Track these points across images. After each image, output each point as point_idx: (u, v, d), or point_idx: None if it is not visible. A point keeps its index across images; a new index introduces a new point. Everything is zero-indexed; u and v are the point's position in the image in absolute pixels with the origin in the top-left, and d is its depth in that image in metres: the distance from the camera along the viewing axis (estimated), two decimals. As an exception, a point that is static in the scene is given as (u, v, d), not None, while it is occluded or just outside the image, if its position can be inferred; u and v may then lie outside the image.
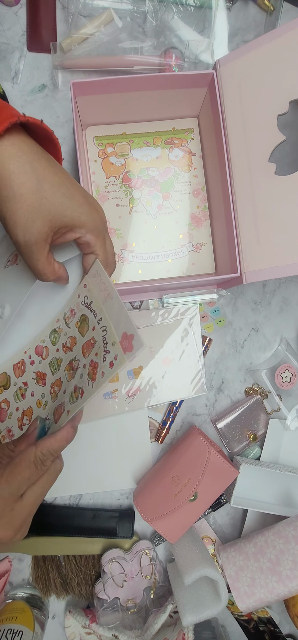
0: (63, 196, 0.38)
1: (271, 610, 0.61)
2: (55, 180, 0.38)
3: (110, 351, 0.40)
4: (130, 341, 0.39)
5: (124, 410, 0.60)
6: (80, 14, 0.61)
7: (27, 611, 0.57)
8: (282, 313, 0.64)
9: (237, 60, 0.52)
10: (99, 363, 0.41)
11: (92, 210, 0.41)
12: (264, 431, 0.62)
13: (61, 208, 0.38)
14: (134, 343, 0.39)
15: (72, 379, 0.43)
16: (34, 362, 0.48)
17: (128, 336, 0.40)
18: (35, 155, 0.37)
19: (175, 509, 0.53)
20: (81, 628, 0.58)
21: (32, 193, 0.37)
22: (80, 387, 0.42)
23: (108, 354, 0.40)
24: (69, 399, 0.43)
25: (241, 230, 0.53)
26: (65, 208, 0.39)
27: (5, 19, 0.62)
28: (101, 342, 0.42)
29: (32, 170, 0.37)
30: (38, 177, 0.37)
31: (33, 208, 0.37)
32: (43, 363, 0.47)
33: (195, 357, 0.62)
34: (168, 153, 0.61)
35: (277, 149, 0.51)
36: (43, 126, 0.38)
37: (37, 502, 0.40)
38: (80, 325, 0.45)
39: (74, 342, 0.45)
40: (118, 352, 0.40)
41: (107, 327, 0.41)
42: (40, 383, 0.47)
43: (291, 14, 0.64)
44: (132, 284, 0.59)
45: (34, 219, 0.37)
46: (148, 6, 0.61)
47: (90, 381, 0.41)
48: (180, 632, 0.53)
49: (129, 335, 0.39)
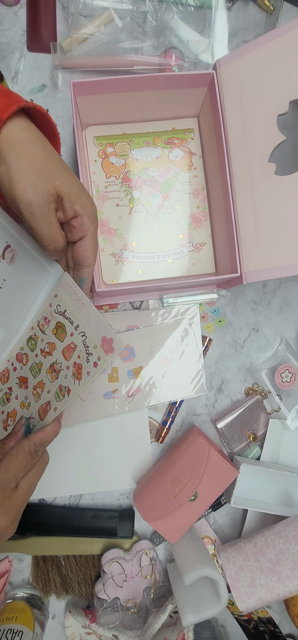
0: (68, 173, 0.40)
1: (271, 610, 0.61)
2: (60, 160, 0.40)
3: (92, 353, 0.44)
4: (111, 344, 0.43)
5: (124, 410, 0.60)
6: (80, 14, 0.61)
7: (27, 611, 0.57)
8: (282, 313, 0.64)
9: (237, 60, 0.52)
10: (83, 364, 0.45)
11: (89, 198, 0.43)
12: (264, 431, 0.62)
13: (67, 181, 0.40)
14: (114, 345, 0.43)
15: (56, 379, 0.47)
16: (16, 369, 0.51)
17: (108, 340, 0.43)
18: (41, 135, 0.40)
19: (175, 509, 0.53)
20: (81, 628, 0.58)
21: (41, 160, 0.38)
22: (66, 386, 0.46)
23: (91, 356, 0.44)
24: (55, 397, 0.46)
25: (241, 230, 0.53)
26: (71, 183, 0.40)
27: (5, 19, 0.62)
28: (82, 345, 0.45)
29: (41, 144, 0.39)
30: (46, 150, 0.39)
31: (43, 171, 0.38)
32: (24, 368, 0.50)
33: (195, 357, 0.62)
34: (168, 153, 0.61)
35: (277, 149, 0.51)
36: (47, 116, 0.41)
37: (29, 491, 0.43)
38: (57, 332, 0.47)
39: (53, 347, 0.48)
40: (100, 354, 0.44)
41: (86, 333, 0.45)
42: (23, 387, 0.50)
43: (291, 14, 0.64)
44: (132, 284, 0.59)
45: (44, 180, 0.38)
46: (148, 6, 0.61)
47: (76, 380, 0.45)
48: (180, 632, 0.53)
49: (109, 339, 0.43)
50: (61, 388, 0.46)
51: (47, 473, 0.55)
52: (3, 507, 0.40)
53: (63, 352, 0.47)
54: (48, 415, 0.47)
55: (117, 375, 0.60)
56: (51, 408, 0.47)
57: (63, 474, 0.61)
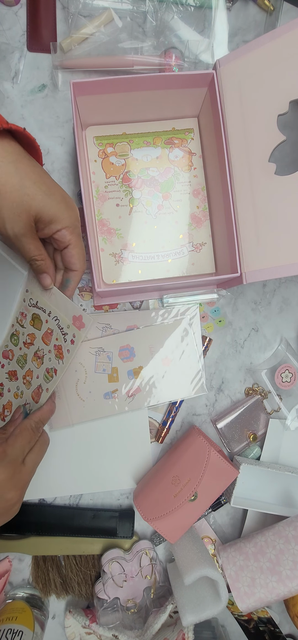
0: (43, 193, 0.42)
1: (271, 610, 0.61)
2: (36, 178, 0.42)
3: (68, 333, 0.50)
4: (81, 320, 0.49)
5: (124, 410, 0.60)
6: (80, 14, 0.61)
7: (27, 611, 0.57)
8: (282, 313, 0.64)
9: (237, 60, 0.52)
10: (62, 344, 0.50)
11: (68, 208, 0.45)
12: (264, 431, 0.62)
13: (41, 204, 0.42)
14: (84, 321, 0.49)
15: (42, 364, 0.52)
16: (4, 365, 0.55)
17: (77, 317, 0.49)
18: (18, 156, 0.42)
19: (175, 509, 0.53)
20: (81, 628, 0.58)
21: (15, 190, 0.41)
22: (52, 367, 0.51)
23: (67, 335, 0.50)
24: (45, 379, 0.52)
25: (241, 230, 0.53)
26: (45, 204, 0.43)
27: (5, 19, 0.62)
28: (57, 328, 0.50)
29: (15, 170, 0.41)
30: (21, 176, 0.41)
31: (17, 204, 0.41)
32: (11, 363, 0.55)
33: (195, 357, 0.62)
34: (168, 153, 0.61)
35: (277, 149, 0.51)
36: (25, 133, 0.43)
37: (34, 467, 0.48)
38: (34, 322, 0.52)
39: (33, 337, 0.53)
40: (74, 331, 0.49)
41: (58, 316, 0.50)
42: (13, 379, 0.55)
43: (291, 14, 0.64)
44: (132, 284, 0.59)
45: (19, 214, 0.41)
46: (148, 6, 0.61)
47: (59, 360, 0.51)
48: (180, 632, 0.53)
49: (78, 316, 0.49)
50: (48, 370, 0.51)
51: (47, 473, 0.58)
52: (13, 481, 0.44)
53: (43, 339, 0.52)
54: (41, 397, 0.52)
55: (117, 375, 0.60)
56: (43, 390, 0.52)
57: (63, 474, 0.61)
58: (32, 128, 0.62)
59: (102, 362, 0.60)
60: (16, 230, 0.42)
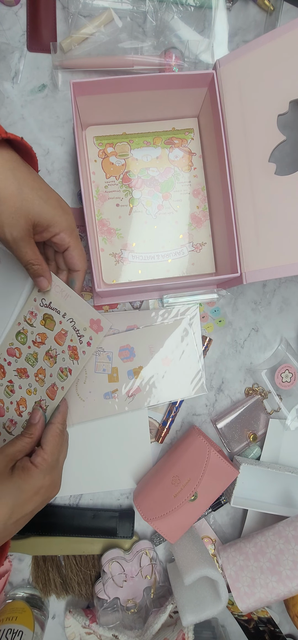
0: (40, 199, 0.44)
1: (271, 610, 0.61)
2: (33, 184, 0.44)
3: (84, 335, 0.51)
4: (99, 324, 0.50)
5: (124, 410, 0.60)
6: (80, 14, 0.61)
7: (27, 611, 0.57)
8: (282, 313, 0.64)
9: (237, 60, 0.52)
10: (77, 345, 0.52)
11: (64, 212, 0.47)
12: (264, 431, 0.62)
13: (39, 209, 0.44)
14: (102, 325, 0.50)
15: (55, 364, 0.53)
16: (10, 363, 0.56)
17: (95, 320, 0.51)
18: (16, 164, 0.44)
19: (175, 509, 0.53)
20: (81, 628, 0.58)
21: (14, 196, 0.43)
22: (66, 367, 0.53)
23: (83, 337, 0.51)
24: (59, 378, 0.53)
25: (241, 230, 0.53)
26: (42, 209, 0.45)
27: (5, 19, 0.62)
28: (72, 330, 0.52)
29: (14, 177, 0.43)
30: (19, 182, 0.43)
31: (16, 209, 0.43)
32: (19, 361, 0.55)
33: (195, 357, 0.62)
34: (168, 153, 0.61)
35: (277, 149, 0.51)
36: (23, 142, 0.45)
37: (63, 463, 0.54)
38: (46, 322, 0.53)
39: (44, 337, 0.53)
40: (92, 334, 0.51)
41: (74, 319, 0.51)
42: (24, 376, 0.55)
43: (291, 14, 0.64)
44: (132, 284, 0.59)
45: (17, 219, 0.43)
46: (148, 6, 0.61)
47: (74, 360, 0.52)
48: (180, 632, 0.53)
49: (96, 319, 0.51)
50: (62, 370, 0.53)
51: None
52: (55, 482, 0.51)
53: (55, 339, 0.53)
54: (57, 394, 0.54)
55: (117, 375, 0.60)
56: (58, 388, 0.53)
57: (63, 474, 0.61)
58: (32, 128, 0.62)
59: (102, 362, 0.60)
60: (14, 234, 0.44)
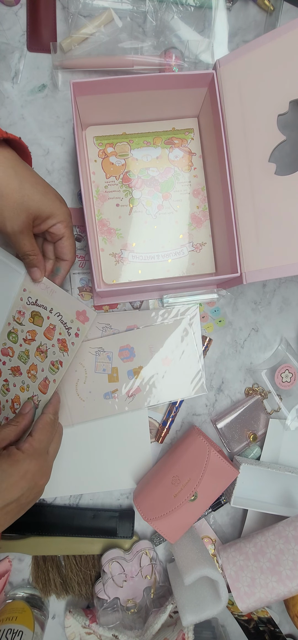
0: (40, 194, 0.47)
1: (271, 610, 0.61)
2: (33, 180, 0.47)
3: (71, 327, 0.52)
4: (85, 314, 0.52)
5: (124, 410, 0.60)
6: (80, 14, 0.61)
7: (27, 611, 0.57)
8: (282, 313, 0.64)
9: (237, 60, 0.52)
10: (66, 338, 0.53)
11: (62, 205, 0.50)
12: (264, 431, 0.62)
13: (39, 203, 0.47)
14: (88, 315, 0.52)
15: (46, 358, 0.54)
16: (5, 363, 0.57)
17: (81, 312, 0.52)
18: (16, 162, 0.47)
19: (175, 509, 0.53)
20: (81, 628, 0.58)
21: (15, 192, 0.46)
22: (57, 359, 0.54)
23: (71, 329, 0.53)
24: (50, 371, 0.54)
25: (241, 230, 0.53)
26: (42, 203, 0.48)
27: (5, 19, 0.62)
28: (60, 324, 0.53)
29: (15, 173, 0.46)
30: (20, 179, 0.46)
31: (17, 204, 0.46)
32: (12, 359, 0.56)
33: (195, 357, 0.62)
34: (168, 153, 0.61)
35: (277, 149, 0.50)
36: (21, 142, 0.48)
37: (55, 455, 0.54)
38: (34, 319, 0.54)
39: (34, 334, 0.55)
40: (78, 325, 0.52)
41: (61, 312, 0.53)
42: (17, 374, 0.56)
43: (291, 14, 0.64)
44: (132, 284, 0.59)
45: (19, 213, 0.46)
46: (148, 6, 0.61)
47: (64, 352, 0.53)
48: (180, 632, 0.53)
49: (82, 310, 0.52)
50: (53, 363, 0.54)
51: None
52: (43, 470, 0.50)
53: (45, 334, 0.54)
54: (49, 388, 0.55)
55: (117, 375, 0.60)
56: (50, 381, 0.54)
57: (63, 474, 0.61)
58: (32, 128, 0.62)
59: (102, 362, 0.60)
60: (16, 227, 0.47)
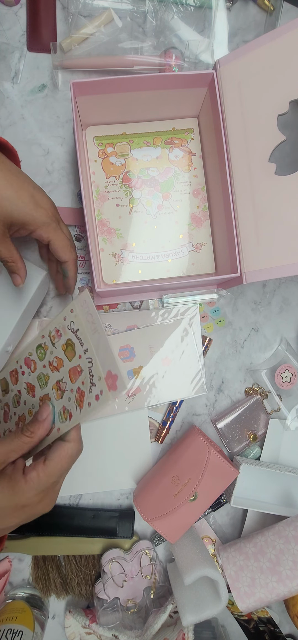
0: (7, 200, 0.43)
1: (271, 610, 0.61)
2: (1, 184, 0.43)
3: (96, 384, 0.43)
4: (115, 381, 0.42)
5: (124, 410, 0.60)
6: (80, 14, 0.61)
7: (27, 611, 0.57)
8: (282, 313, 0.64)
9: (237, 60, 0.52)
10: (86, 393, 0.44)
11: (38, 208, 0.45)
12: (264, 431, 0.62)
13: (9, 210, 0.43)
14: (118, 383, 0.41)
15: (60, 399, 0.47)
16: (24, 373, 0.52)
17: (113, 375, 0.42)
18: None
19: (175, 509, 0.53)
20: (81, 628, 0.58)
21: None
22: (69, 409, 0.45)
23: (94, 387, 0.43)
24: (59, 418, 0.46)
25: (241, 230, 0.53)
26: (12, 210, 0.43)
27: (5, 19, 0.62)
28: (87, 372, 0.44)
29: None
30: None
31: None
32: (32, 375, 0.51)
33: (195, 357, 0.62)
34: (168, 153, 0.61)
35: (277, 149, 0.50)
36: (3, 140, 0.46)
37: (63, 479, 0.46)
38: (67, 349, 0.47)
39: (60, 364, 0.47)
40: (103, 388, 0.42)
41: (93, 360, 0.44)
42: (31, 394, 0.50)
43: (291, 14, 0.64)
44: (132, 284, 0.59)
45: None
46: (148, 6, 0.61)
47: (77, 407, 0.44)
48: (180, 632, 0.53)
49: (114, 374, 0.42)
50: (64, 410, 0.46)
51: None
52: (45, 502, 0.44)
53: (69, 373, 0.46)
54: (52, 433, 0.46)
55: (117, 375, 0.60)
56: (55, 427, 0.46)
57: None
58: (32, 128, 0.62)
59: (102, 362, 0.60)
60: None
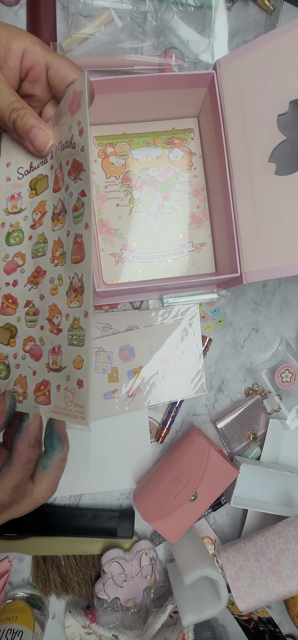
0: None
1: (271, 610, 0.61)
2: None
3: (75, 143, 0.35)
4: (78, 100, 0.34)
5: (124, 410, 0.60)
6: (80, 14, 0.61)
7: (27, 611, 0.57)
8: (282, 313, 0.64)
9: (237, 60, 0.52)
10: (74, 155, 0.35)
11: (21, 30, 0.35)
12: (264, 431, 0.62)
13: None
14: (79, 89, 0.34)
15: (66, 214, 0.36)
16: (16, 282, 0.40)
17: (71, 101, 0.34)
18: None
19: (175, 509, 0.53)
20: (81, 628, 0.58)
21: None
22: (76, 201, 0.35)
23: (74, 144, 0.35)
24: (74, 218, 0.35)
25: (241, 230, 0.53)
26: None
27: (5, 19, 0.62)
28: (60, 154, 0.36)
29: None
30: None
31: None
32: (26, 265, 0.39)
33: (195, 357, 0.62)
34: (168, 153, 0.61)
35: (277, 149, 0.50)
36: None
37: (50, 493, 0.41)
38: (36, 186, 0.38)
39: (43, 205, 0.39)
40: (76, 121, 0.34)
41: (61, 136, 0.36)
42: (40, 278, 0.39)
43: (291, 14, 0.64)
44: (132, 284, 0.59)
45: None
46: (148, 6, 0.61)
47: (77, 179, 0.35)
48: (180, 632, 0.53)
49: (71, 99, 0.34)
50: (76, 208, 0.35)
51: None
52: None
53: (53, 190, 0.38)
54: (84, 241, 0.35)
55: (117, 375, 0.60)
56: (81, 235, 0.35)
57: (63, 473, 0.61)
58: (32, 128, 0.62)
59: (102, 362, 0.60)
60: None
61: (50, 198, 0.38)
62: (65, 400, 0.35)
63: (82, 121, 0.34)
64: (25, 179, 0.39)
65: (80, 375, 0.34)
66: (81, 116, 0.34)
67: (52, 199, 0.38)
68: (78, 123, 0.34)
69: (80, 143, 0.34)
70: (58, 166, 0.37)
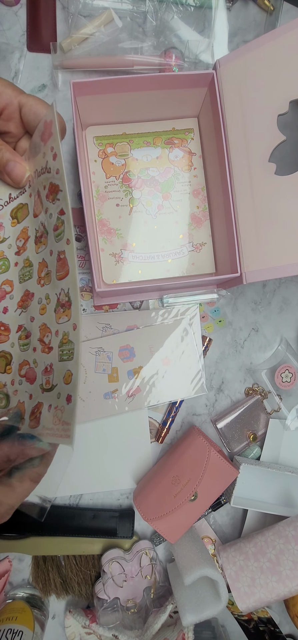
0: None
1: (271, 610, 0.61)
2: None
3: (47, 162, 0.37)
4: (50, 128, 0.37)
5: (124, 410, 0.60)
6: (80, 14, 0.61)
7: (27, 611, 0.57)
8: (282, 313, 0.64)
9: (237, 60, 0.52)
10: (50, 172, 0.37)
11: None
12: (264, 431, 0.62)
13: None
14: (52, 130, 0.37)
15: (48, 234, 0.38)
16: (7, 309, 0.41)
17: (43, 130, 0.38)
18: None
19: (175, 509, 0.53)
20: (81, 628, 0.58)
21: None
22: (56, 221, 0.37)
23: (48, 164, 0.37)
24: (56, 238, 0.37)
25: (241, 230, 0.53)
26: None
27: (5, 19, 0.62)
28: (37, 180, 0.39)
29: None
30: None
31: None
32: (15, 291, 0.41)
33: (195, 357, 0.62)
34: (168, 153, 0.61)
35: (277, 149, 0.50)
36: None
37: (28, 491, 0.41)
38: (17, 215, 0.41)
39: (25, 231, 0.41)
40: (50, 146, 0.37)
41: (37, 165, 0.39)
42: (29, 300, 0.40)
43: (291, 14, 0.64)
44: (132, 284, 0.59)
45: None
46: (148, 6, 0.61)
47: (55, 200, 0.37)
48: (180, 632, 0.53)
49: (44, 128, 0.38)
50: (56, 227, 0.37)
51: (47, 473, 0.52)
52: None
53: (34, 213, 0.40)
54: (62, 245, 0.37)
55: (117, 375, 0.60)
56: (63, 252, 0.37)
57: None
58: (32, 128, 0.62)
59: (102, 362, 0.60)
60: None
61: (32, 223, 0.40)
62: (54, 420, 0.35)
63: (55, 147, 0.37)
64: (6, 209, 0.41)
65: (69, 390, 0.34)
66: (54, 143, 0.37)
67: (34, 224, 0.40)
68: (51, 149, 0.37)
69: (55, 166, 0.37)
70: (36, 193, 0.39)
